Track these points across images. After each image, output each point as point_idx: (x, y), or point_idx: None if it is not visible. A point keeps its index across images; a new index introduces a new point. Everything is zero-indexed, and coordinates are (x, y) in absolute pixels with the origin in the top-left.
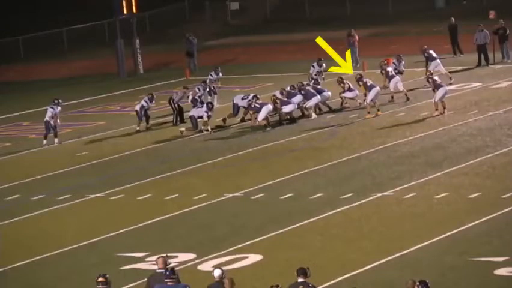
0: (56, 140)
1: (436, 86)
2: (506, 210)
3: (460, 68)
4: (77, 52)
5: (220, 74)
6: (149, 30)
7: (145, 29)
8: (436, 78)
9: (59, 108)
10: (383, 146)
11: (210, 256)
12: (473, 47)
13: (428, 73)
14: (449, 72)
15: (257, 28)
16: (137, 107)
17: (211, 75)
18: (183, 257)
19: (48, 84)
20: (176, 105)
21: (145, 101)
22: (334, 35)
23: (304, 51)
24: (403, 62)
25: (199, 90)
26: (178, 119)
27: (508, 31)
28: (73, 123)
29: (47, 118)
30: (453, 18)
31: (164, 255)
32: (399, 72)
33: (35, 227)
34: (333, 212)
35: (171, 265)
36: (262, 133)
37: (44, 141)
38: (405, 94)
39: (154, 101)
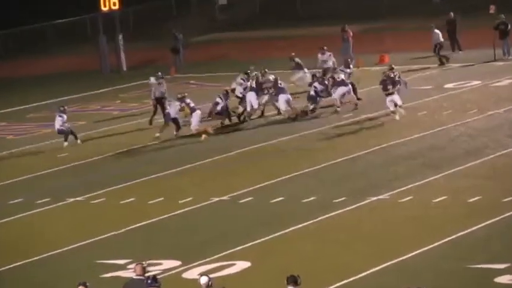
0: (78, 141)
1: (336, 84)
2: (508, 214)
3: (459, 65)
4: (57, 48)
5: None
6: (133, 26)
7: (129, 25)
8: (339, 75)
9: (65, 115)
10: (379, 147)
11: (196, 263)
12: (473, 43)
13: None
14: (448, 69)
15: (246, 24)
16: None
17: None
18: (167, 264)
19: (26, 82)
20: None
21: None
22: (327, 31)
23: (295, 47)
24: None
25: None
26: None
27: (509, 26)
28: (53, 123)
29: (58, 127)
30: (452, 13)
31: (143, 262)
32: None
33: (11, 233)
34: (326, 216)
35: (153, 272)
36: (251, 133)
37: (65, 143)
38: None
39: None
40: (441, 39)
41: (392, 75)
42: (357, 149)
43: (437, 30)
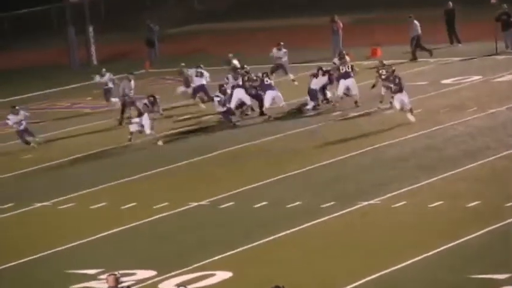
0: (36, 139)
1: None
2: (509, 220)
3: (457, 59)
4: (20, 41)
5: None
6: (104, 17)
7: (100, 15)
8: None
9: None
10: (370, 148)
11: (173, 273)
12: (473, 35)
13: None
14: (446, 63)
15: (226, 14)
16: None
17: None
18: (142, 274)
19: None
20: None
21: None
22: (314, 22)
23: (280, 39)
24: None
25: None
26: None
27: None
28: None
29: (12, 124)
30: (451, 3)
31: (116, 272)
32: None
33: None
34: (313, 222)
35: (127, 283)
36: (232, 132)
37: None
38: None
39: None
40: (420, 32)
41: (385, 72)
42: (347, 150)
43: (416, 22)
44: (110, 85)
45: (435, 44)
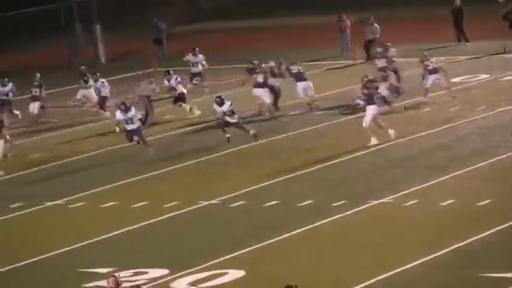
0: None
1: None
2: None
3: (465, 57)
4: (26, 40)
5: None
6: (111, 15)
7: (106, 13)
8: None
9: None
10: (380, 147)
11: (185, 272)
12: (481, 33)
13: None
14: (454, 62)
15: (234, 12)
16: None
17: None
18: (154, 272)
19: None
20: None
21: None
22: (322, 20)
23: (286, 38)
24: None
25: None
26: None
27: None
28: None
29: None
30: (458, 1)
31: (117, 274)
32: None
33: None
34: (325, 221)
35: (139, 282)
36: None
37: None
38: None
39: None
40: (378, 36)
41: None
42: (357, 149)
43: (376, 25)
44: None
45: (443, 42)
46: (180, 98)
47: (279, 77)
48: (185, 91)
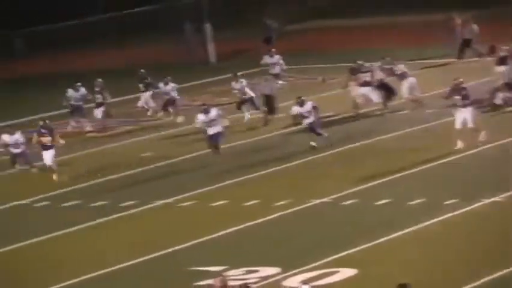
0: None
1: None
2: None
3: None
4: (136, 39)
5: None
6: (222, 13)
7: (217, 12)
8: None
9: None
10: (495, 144)
11: (296, 270)
12: None
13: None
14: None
15: (340, 10)
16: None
17: None
18: (265, 271)
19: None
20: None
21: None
22: (427, 19)
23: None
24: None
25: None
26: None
27: None
28: (131, 119)
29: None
30: None
31: (226, 273)
32: None
33: (98, 237)
34: (436, 220)
35: (250, 281)
36: (345, 131)
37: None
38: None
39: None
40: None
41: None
42: (468, 146)
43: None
44: (174, 95)
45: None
46: (245, 102)
47: (388, 76)
48: (253, 94)
